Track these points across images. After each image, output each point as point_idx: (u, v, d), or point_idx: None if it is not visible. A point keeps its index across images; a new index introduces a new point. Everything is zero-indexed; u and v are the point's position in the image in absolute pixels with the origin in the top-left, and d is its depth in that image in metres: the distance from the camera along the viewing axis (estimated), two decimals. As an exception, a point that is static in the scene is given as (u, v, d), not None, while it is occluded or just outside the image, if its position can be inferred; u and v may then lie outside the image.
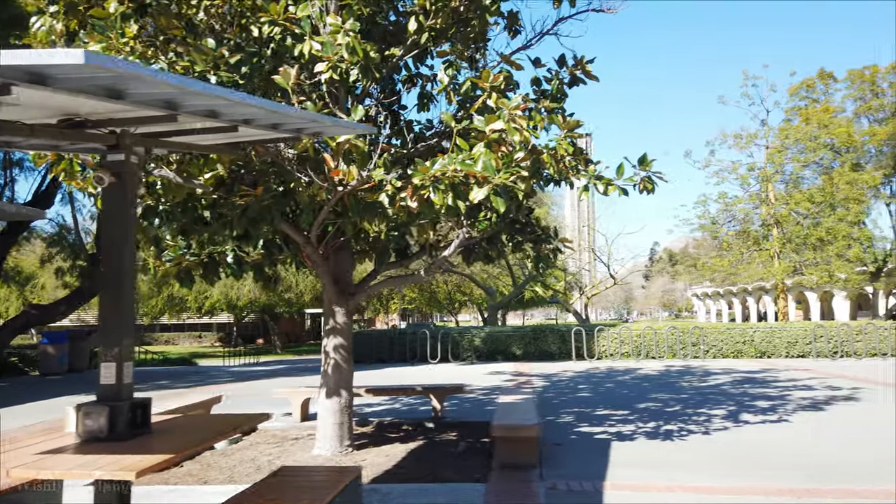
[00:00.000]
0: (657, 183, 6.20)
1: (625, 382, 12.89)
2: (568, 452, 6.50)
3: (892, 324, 18.31)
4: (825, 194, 25.99)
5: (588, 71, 6.85)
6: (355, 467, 3.91)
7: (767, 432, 7.36)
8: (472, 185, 5.26)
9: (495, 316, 26.48)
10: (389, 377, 15.05)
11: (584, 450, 6.59)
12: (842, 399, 9.87)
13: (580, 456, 6.30)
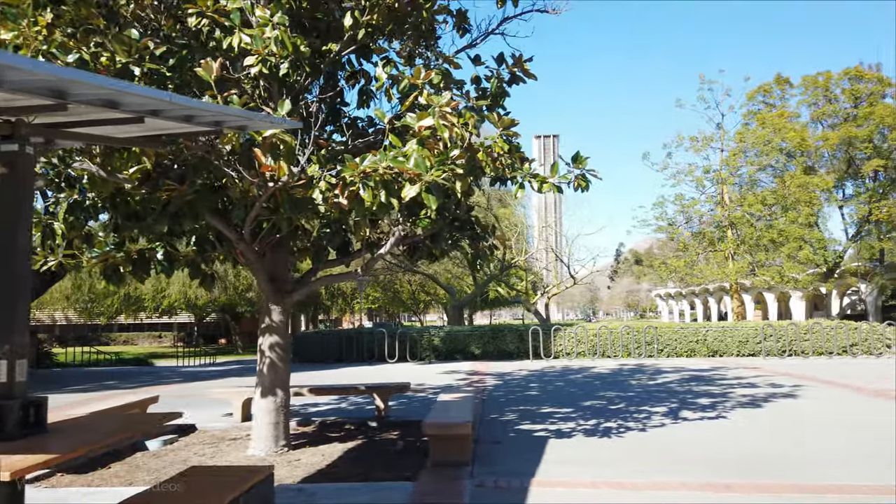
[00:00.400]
0: (591, 181, 6.29)
1: (575, 381, 13.01)
2: (505, 450, 6.52)
3: (837, 323, 18.88)
4: (777, 197, 26.67)
5: (526, 69, 6.90)
6: (266, 467, 3.84)
7: (703, 429, 7.50)
8: (405, 183, 5.26)
9: (457, 315, 26.52)
10: (343, 377, 14.93)
11: (521, 447, 6.62)
12: (781, 396, 10.12)
13: (516, 453, 6.32)
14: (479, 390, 11.67)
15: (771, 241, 25.71)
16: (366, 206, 5.17)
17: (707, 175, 27.33)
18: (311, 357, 20.05)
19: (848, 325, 18.80)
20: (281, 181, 5.38)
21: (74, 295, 35.35)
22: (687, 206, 27.74)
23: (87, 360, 24.77)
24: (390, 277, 35.17)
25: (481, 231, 7.01)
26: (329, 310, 62.29)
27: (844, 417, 8.12)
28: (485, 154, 5.84)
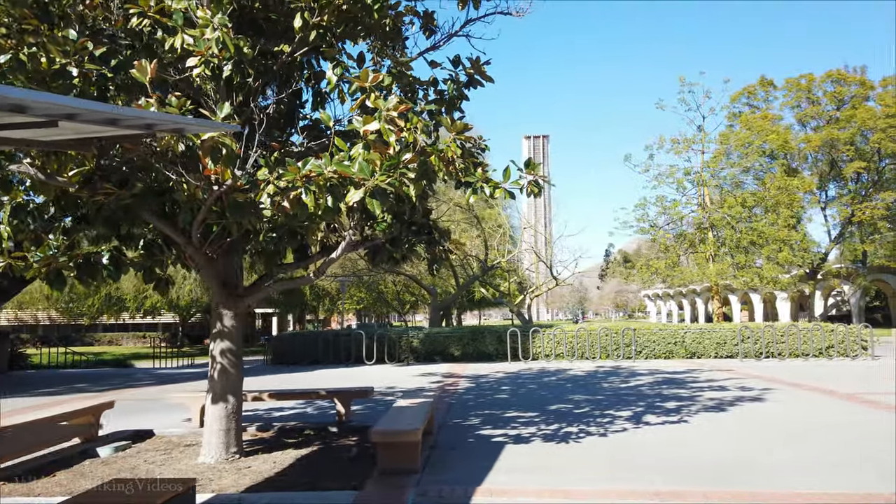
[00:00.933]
0: (543, 186, 6.25)
1: (548, 384, 12.97)
2: (460, 457, 6.45)
3: (813, 325, 18.95)
4: (757, 199, 26.81)
5: (483, 72, 6.86)
6: (188, 479, 3.75)
7: (663, 433, 7.46)
8: (350, 187, 5.19)
9: (438, 316, 26.43)
10: (317, 379, 14.82)
11: (476, 454, 6.55)
12: (748, 400, 10.11)
13: (470, 460, 6.25)
14: (450, 393, 11.60)
15: (751, 242, 25.82)
16: (310, 211, 5.10)
17: (688, 177, 27.44)
18: (289, 359, 19.91)
19: (824, 327, 18.88)
20: (225, 185, 5.30)
21: (54, 295, 34.99)
22: (668, 208, 27.83)
23: (65, 362, 24.50)
24: (374, 278, 35.06)
25: (438, 235, 6.94)
26: (316, 310, 62.11)
27: (811, 422, 8.10)
28: (437, 158, 5.77)
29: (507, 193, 6.07)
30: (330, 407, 9.77)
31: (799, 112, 39.03)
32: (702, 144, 27.66)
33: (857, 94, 37.68)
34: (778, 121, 39.25)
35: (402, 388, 12.63)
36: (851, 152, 36.53)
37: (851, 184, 38.49)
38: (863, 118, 35.11)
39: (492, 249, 29.10)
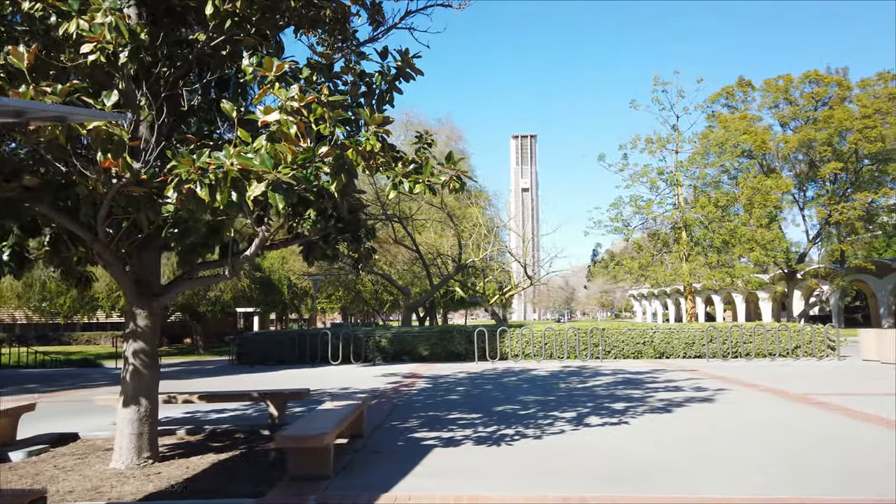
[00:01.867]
0: (465, 181, 6.08)
1: (506, 384, 12.80)
2: (381, 461, 6.24)
3: (780, 325, 18.92)
4: (730, 198, 26.79)
5: (412, 65, 6.67)
6: (37, 490, 3.51)
7: (599, 436, 7.30)
8: (253, 181, 4.97)
9: (410, 316, 26.20)
10: (278, 380, 14.58)
11: (400, 457, 6.35)
12: (699, 401, 9.98)
13: (390, 464, 6.05)
14: (402, 394, 11.40)
15: (724, 242, 25.79)
16: (206, 205, 4.88)
17: (661, 177, 27.37)
18: (255, 359, 19.62)
19: (791, 328, 18.86)
20: (125, 178, 5.08)
21: (26, 294, 34.41)
22: (642, 208, 27.75)
23: (32, 362, 24.06)
24: (352, 277, 34.77)
25: (365, 233, 6.74)
26: (298, 309, 61.70)
27: (752, 424, 7.97)
28: (356, 152, 5.57)
29: (426, 189, 5.90)
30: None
31: (777, 112, 39.14)
32: (676, 144, 27.60)
33: (835, 95, 37.82)
34: (757, 121, 39.33)
35: (357, 388, 12.42)
36: (829, 153, 36.64)
37: (829, 184, 38.63)
38: (840, 119, 35.21)
39: (468, 248, 28.92)
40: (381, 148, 5.77)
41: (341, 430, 5.87)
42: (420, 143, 7.02)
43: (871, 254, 39.17)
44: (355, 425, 7.25)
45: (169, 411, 9.67)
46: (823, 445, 6.55)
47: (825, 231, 40.00)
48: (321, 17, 7.14)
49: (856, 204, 36.53)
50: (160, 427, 8.23)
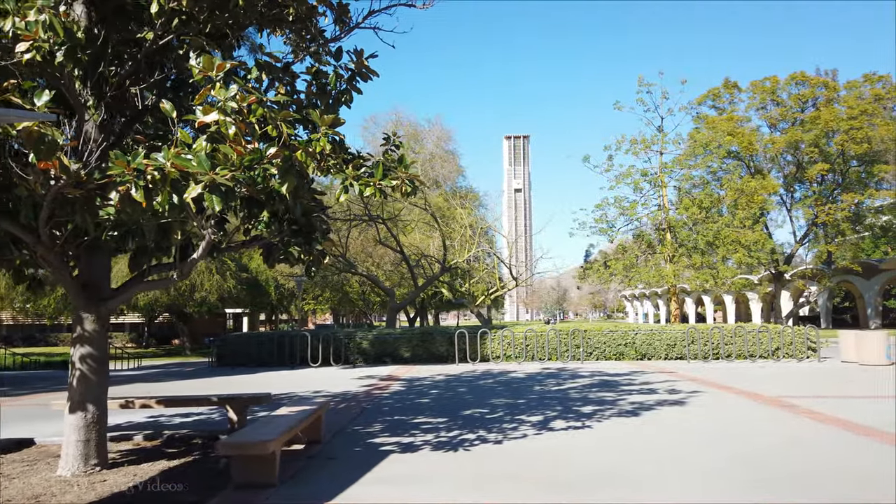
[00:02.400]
0: (417, 185, 6.01)
1: (481, 387, 12.71)
2: (333, 468, 6.14)
3: (760, 326, 18.91)
4: (713, 200, 26.80)
5: (367, 66, 6.58)
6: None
7: (560, 441, 7.21)
8: (191, 182, 4.88)
9: (394, 317, 26.08)
10: (256, 383, 14.46)
11: (353, 464, 6.24)
12: (670, 404, 9.92)
13: (341, 472, 5.94)
14: (373, 397, 11.29)
15: (708, 243, 25.80)
16: (143, 207, 4.79)
17: (644, 178, 27.34)
18: (235, 361, 19.47)
19: (772, 329, 18.85)
20: (62, 179, 4.96)
21: (10, 295, 34.08)
22: (627, 209, 27.73)
23: (10, 364, 23.81)
24: (339, 278, 34.64)
25: (320, 235, 6.63)
26: (287, 310, 61.47)
27: (720, 427, 7.90)
28: (305, 153, 5.47)
29: (377, 192, 5.81)
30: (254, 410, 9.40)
31: (765, 114, 39.25)
32: (660, 145, 27.58)
33: (822, 97, 37.95)
34: (745, 122, 39.43)
35: (330, 391, 12.31)
36: (815, 154, 36.76)
37: (816, 185, 38.75)
38: (826, 120, 35.34)
39: (453, 249, 28.83)
40: (332, 149, 5.68)
41: (290, 436, 5.76)
42: (388, 145, 6.95)
43: (858, 255, 39.25)
44: (312, 430, 7.15)
45: (131, 416, 9.53)
46: (784, 450, 6.49)
47: (812, 232, 40.13)
48: (284, 17, 7.03)
49: (842, 205, 36.66)
50: (117, 433, 8.12)
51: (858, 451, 6.39)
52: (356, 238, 32.92)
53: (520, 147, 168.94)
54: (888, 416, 8.38)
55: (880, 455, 6.20)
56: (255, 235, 6.93)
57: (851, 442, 6.83)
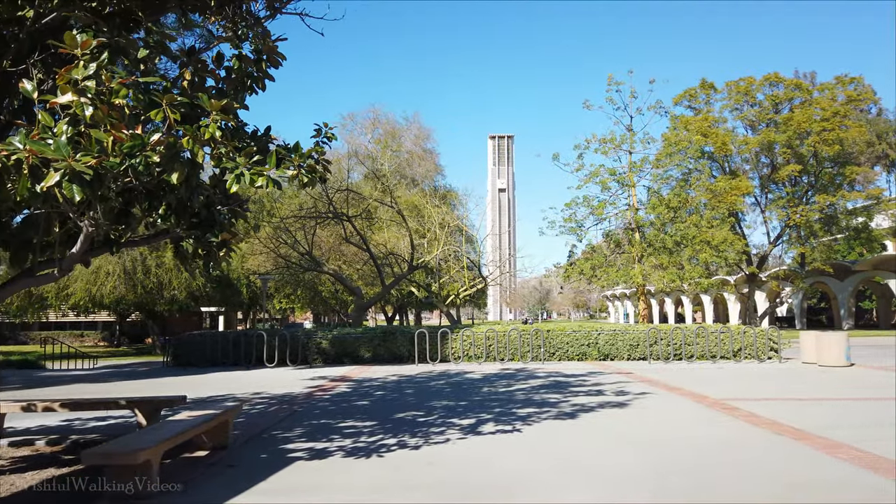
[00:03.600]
0: (316, 175, 5.67)
1: (430, 388, 12.38)
2: (228, 476, 5.77)
3: (721, 328, 18.77)
4: (681, 200, 26.67)
5: (273, 48, 6.23)
6: None
7: (481, 445, 6.90)
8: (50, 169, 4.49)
9: (361, 316, 25.68)
10: (197, 384, 14.04)
11: (251, 473, 5.88)
12: (612, 406, 9.65)
13: (235, 481, 5.58)
14: (312, 399, 10.92)
15: (676, 243, 25.67)
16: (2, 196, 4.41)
17: (612, 177, 27.15)
18: (190, 361, 18.98)
19: (734, 330, 18.72)
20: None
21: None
22: (596, 209, 27.54)
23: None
24: (311, 277, 34.15)
25: (220, 228, 6.25)
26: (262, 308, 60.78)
27: (652, 431, 7.63)
28: (192, 140, 5.10)
29: (269, 182, 5.46)
30: (168, 414, 8.99)
31: (740, 115, 39.31)
32: (629, 144, 27.39)
33: (796, 98, 38.06)
34: (722, 123, 39.45)
35: (270, 393, 11.92)
36: (789, 155, 36.84)
37: (789, 186, 38.87)
38: (799, 121, 35.42)
39: (422, 248, 28.50)
40: (223, 136, 5.33)
41: (173, 444, 5.40)
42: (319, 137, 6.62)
43: (831, 256, 39.43)
44: (218, 435, 6.78)
45: (46, 419, 9.09)
46: (704, 456, 6.22)
47: (786, 233, 40.28)
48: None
49: (814, 206, 36.79)
50: (21, 437, 7.70)
51: (781, 457, 6.14)
52: (328, 236, 32.48)
53: (504, 147, 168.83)
54: (826, 420, 8.17)
55: (802, 461, 5.95)
56: (164, 229, 6.56)
57: (778, 447, 6.59)
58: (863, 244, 44.31)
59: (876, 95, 49.30)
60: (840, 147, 35.18)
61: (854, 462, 5.90)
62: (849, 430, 7.48)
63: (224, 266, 40.66)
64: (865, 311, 61.40)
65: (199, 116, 5.66)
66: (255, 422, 8.58)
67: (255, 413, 9.45)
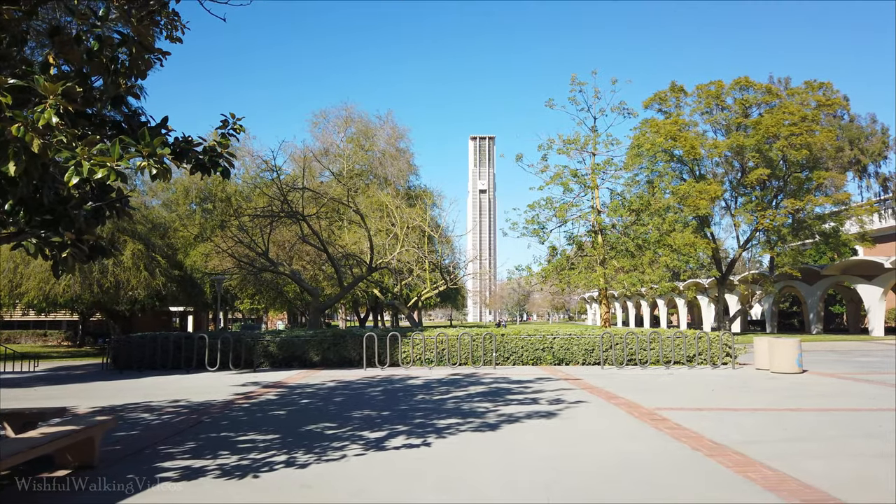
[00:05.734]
0: (168, 167, 5.14)
1: (362, 395, 11.86)
2: (71, 502, 5.21)
3: (675, 333, 18.47)
4: (643, 202, 26.43)
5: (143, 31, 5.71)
6: None
7: (379, 462, 6.40)
8: None
9: (318, 318, 25.06)
10: (126, 389, 13.38)
11: (100, 498, 5.33)
12: (540, 416, 9.20)
13: None
14: (228, 408, 10.34)
15: (638, 246, 25.41)
16: None
17: (574, 179, 26.81)
18: (131, 363, 18.25)
19: (689, 335, 18.43)
20: None
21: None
22: (559, 211, 27.17)
23: None
24: (272, 277, 33.42)
25: (67, 227, 5.69)
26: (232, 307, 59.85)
27: (561, 448, 7.16)
28: (24, 128, 4.55)
29: (114, 174, 4.92)
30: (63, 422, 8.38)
31: (710, 118, 39.26)
32: (592, 146, 27.08)
33: (764, 102, 38.10)
34: (692, 127, 39.38)
35: (191, 401, 11.32)
36: (758, 159, 36.84)
37: (758, 191, 38.90)
38: (767, 125, 35.42)
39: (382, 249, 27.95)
40: (61, 123, 4.78)
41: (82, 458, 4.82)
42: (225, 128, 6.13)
43: (798, 260, 39.50)
44: (82, 453, 6.20)
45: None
46: (607, 475, 5.77)
47: (755, 237, 40.32)
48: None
49: (783, 211, 36.82)
50: None
51: (684, 476, 5.71)
52: (292, 236, 31.79)
53: (485, 148, 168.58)
54: (752, 433, 7.80)
55: (704, 481, 5.53)
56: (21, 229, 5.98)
57: (687, 464, 6.16)
58: (832, 249, 44.54)
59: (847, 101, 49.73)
60: (808, 152, 35.23)
61: (759, 482, 5.50)
62: (771, 444, 7.11)
63: (188, 264, 39.82)
64: (836, 315, 61.91)
65: (33, 101, 5.11)
66: (148, 435, 8.00)
67: (156, 424, 8.86)
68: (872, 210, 39.37)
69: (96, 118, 6.05)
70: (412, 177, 52.59)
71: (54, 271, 5.64)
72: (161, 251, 37.13)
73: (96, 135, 5.71)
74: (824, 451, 6.76)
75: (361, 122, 50.95)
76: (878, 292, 40.70)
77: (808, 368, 16.51)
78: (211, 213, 38.70)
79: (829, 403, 10.42)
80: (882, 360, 19.73)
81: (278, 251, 32.09)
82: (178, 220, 39.71)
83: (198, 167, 6.04)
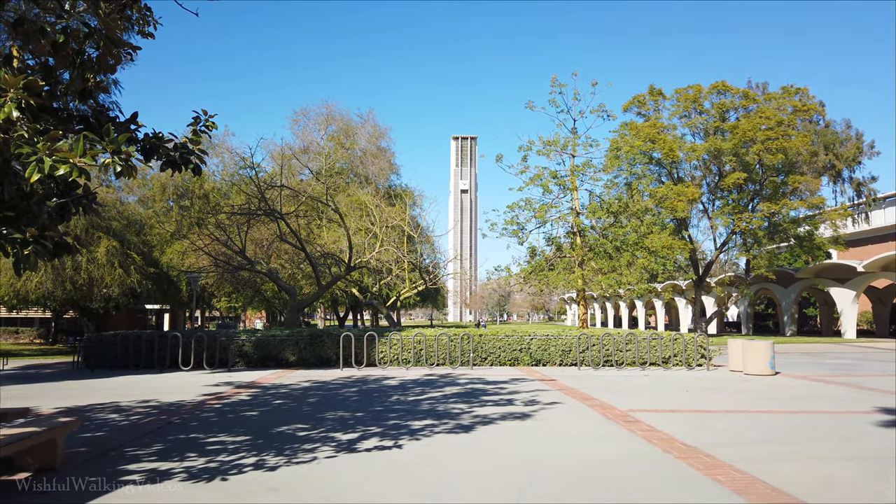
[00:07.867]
0: (130, 163, 5.02)
1: (336, 396, 11.76)
2: None
3: (651, 334, 18.64)
4: (622, 205, 26.63)
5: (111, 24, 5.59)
6: None
7: (348, 466, 6.32)
8: None
9: (296, 317, 24.84)
10: (95, 389, 13.12)
11: (58, 502, 5.19)
12: (514, 418, 9.20)
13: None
14: (200, 409, 10.19)
15: (616, 248, 25.59)
16: None
17: (554, 180, 26.92)
18: (103, 362, 17.91)
19: (665, 336, 18.59)
20: None
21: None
22: (538, 212, 27.26)
23: None
24: (250, 276, 33.08)
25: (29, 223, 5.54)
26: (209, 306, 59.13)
27: (533, 450, 7.14)
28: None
29: (77, 171, 4.80)
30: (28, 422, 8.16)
31: (688, 122, 39.68)
32: (572, 147, 27.20)
33: (741, 107, 38.58)
34: (670, 130, 39.76)
35: (161, 401, 11.13)
36: (735, 163, 37.31)
37: (735, 193, 39.38)
38: (744, 129, 35.86)
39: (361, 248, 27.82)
40: (21, 117, 4.66)
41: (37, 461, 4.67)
42: (196, 125, 6.00)
43: (773, 263, 40.08)
44: (44, 455, 6.05)
45: None
46: (570, 479, 5.77)
47: (731, 240, 40.82)
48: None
49: (759, 214, 37.33)
50: None
51: (652, 479, 5.73)
52: (271, 234, 31.49)
53: (467, 148, 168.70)
54: (723, 435, 7.86)
55: (672, 484, 5.55)
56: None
57: (656, 467, 6.18)
58: (807, 252, 45.25)
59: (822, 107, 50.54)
60: (784, 156, 35.74)
61: (728, 485, 5.53)
62: (742, 447, 7.16)
63: (164, 262, 39.23)
64: (809, 317, 62.96)
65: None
66: (114, 436, 7.84)
67: (123, 425, 8.68)
68: (846, 214, 40.08)
69: (62, 112, 5.91)
70: (393, 176, 52.38)
71: (16, 269, 5.48)
72: (136, 248, 36.58)
73: (62, 129, 5.59)
74: (794, 453, 6.83)
75: (342, 121, 50.64)
76: (851, 295, 41.46)
77: (780, 370, 16.74)
78: (188, 210, 38.21)
79: (800, 406, 10.55)
80: (853, 363, 20.08)
81: (256, 249, 31.79)
82: (155, 217, 39.12)
83: (168, 164, 5.93)
